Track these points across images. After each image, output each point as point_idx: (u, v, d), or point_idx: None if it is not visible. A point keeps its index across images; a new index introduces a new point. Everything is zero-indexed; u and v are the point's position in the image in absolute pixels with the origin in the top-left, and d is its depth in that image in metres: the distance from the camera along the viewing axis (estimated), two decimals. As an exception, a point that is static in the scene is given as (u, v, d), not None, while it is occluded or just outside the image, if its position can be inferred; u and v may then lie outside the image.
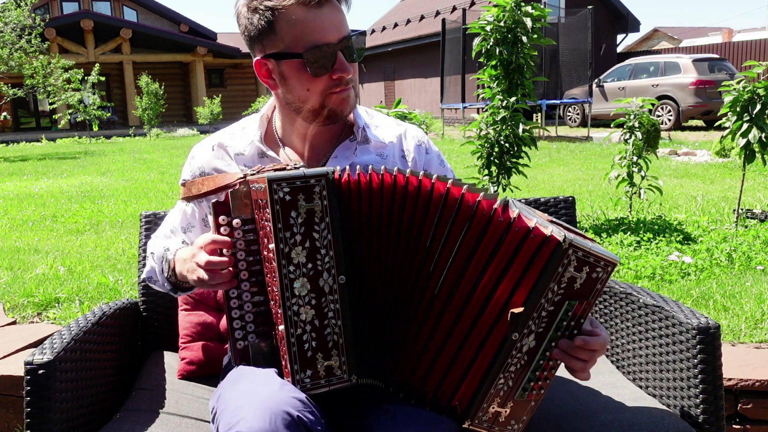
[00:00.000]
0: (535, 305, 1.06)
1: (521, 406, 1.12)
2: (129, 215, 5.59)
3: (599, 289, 1.08)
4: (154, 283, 1.44)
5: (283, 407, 1.04)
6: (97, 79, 17.67)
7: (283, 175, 1.07)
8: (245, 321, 1.18)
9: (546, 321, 1.08)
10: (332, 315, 1.10)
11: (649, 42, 31.98)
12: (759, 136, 3.81)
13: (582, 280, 1.07)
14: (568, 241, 1.04)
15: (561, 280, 1.06)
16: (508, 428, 1.13)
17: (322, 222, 1.08)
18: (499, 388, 1.10)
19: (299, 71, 1.23)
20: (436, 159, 1.44)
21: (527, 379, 1.11)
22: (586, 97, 14.43)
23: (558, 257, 1.04)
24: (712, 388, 1.32)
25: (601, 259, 1.06)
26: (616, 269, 1.08)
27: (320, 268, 1.09)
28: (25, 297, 3.02)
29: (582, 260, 1.06)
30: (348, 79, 1.25)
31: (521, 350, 1.08)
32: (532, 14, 3.96)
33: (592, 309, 1.11)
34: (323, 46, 1.20)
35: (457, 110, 16.65)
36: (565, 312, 1.08)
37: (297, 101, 1.28)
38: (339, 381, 1.11)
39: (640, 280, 3.16)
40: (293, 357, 1.09)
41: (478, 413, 1.11)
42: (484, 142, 4.18)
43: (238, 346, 1.19)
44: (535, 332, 1.08)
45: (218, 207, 1.16)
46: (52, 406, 1.22)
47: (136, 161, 11.27)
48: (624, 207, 4.74)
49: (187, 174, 1.41)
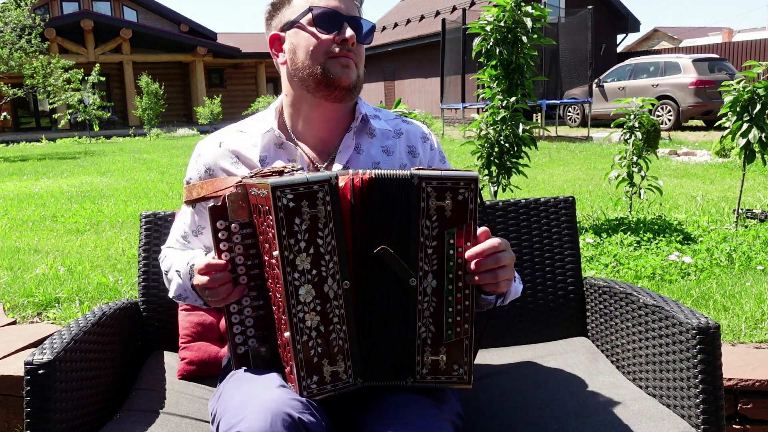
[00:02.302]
0: (417, 246, 1.10)
1: (455, 348, 1.13)
2: (129, 215, 5.59)
3: (473, 208, 1.10)
4: (185, 300, 1.38)
5: (283, 408, 1.04)
6: (97, 79, 17.67)
7: (287, 181, 1.06)
8: (245, 326, 1.18)
9: (436, 257, 1.11)
10: (337, 320, 1.10)
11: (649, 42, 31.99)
12: (759, 136, 3.81)
13: (451, 206, 1.09)
14: (417, 176, 1.08)
15: (430, 214, 1.10)
16: (455, 375, 1.14)
17: (326, 228, 1.08)
18: (423, 336, 1.12)
19: (307, 29, 1.30)
20: (438, 156, 1.46)
21: (446, 317, 1.12)
22: (586, 97, 14.43)
23: (415, 193, 1.09)
24: (711, 388, 1.32)
25: (459, 179, 1.09)
26: (479, 186, 1.10)
27: (325, 274, 1.09)
28: (25, 297, 3.02)
29: (439, 188, 1.09)
30: (350, 47, 1.30)
31: (426, 293, 1.11)
32: (532, 14, 3.95)
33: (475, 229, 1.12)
34: (332, 10, 1.29)
35: (457, 110, 16.64)
36: (448, 243, 1.10)
37: (301, 68, 1.31)
38: (345, 385, 1.11)
39: (640, 280, 3.16)
40: (299, 363, 1.08)
41: (416, 368, 1.13)
42: (484, 142, 4.18)
43: (239, 351, 1.19)
44: (431, 271, 1.11)
45: (215, 211, 1.15)
46: (52, 406, 1.22)
47: (136, 161, 11.27)
48: (624, 207, 4.74)
49: (192, 172, 1.40)
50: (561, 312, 1.80)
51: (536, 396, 1.46)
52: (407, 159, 1.41)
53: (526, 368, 1.64)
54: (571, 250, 1.82)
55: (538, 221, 1.84)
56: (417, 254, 1.10)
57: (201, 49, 24.97)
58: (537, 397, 1.45)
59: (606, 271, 3.30)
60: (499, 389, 1.50)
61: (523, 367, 1.64)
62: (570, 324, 1.80)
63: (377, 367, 1.14)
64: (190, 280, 1.30)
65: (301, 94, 1.35)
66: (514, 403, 1.43)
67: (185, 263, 1.32)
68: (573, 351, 1.71)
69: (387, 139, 1.41)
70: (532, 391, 1.49)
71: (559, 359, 1.66)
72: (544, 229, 1.83)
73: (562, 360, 1.66)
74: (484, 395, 1.46)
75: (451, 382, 1.14)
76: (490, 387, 1.52)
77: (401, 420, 1.09)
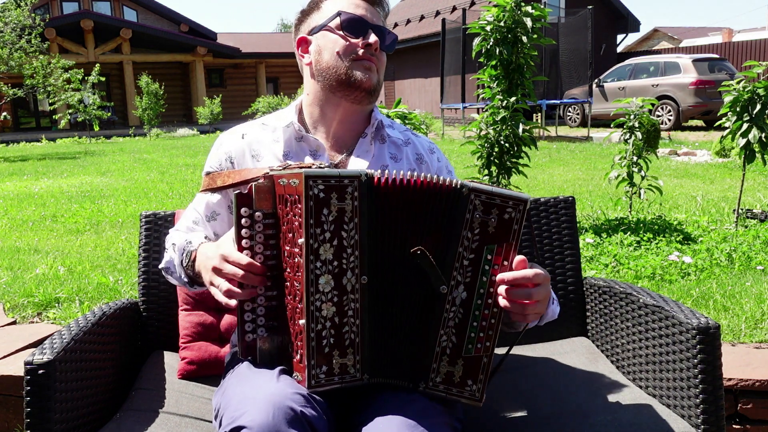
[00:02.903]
0: (454, 255, 1.10)
1: (473, 363, 1.14)
2: (129, 215, 5.59)
3: (516, 230, 1.10)
4: (171, 274, 1.43)
5: (285, 402, 1.05)
6: (97, 79, 17.65)
7: (319, 172, 1.09)
8: (256, 314, 1.19)
9: (471, 270, 1.11)
10: (352, 314, 1.11)
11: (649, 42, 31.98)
12: (759, 136, 3.81)
13: (495, 223, 1.10)
14: (467, 187, 1.08)
15: (473, 227, 1.10)
16: (467, 389, 1.14)
17: (351, 222, 1.10)
18: (443, 345, 1.13)
19: (334, 32, 1.36)
20: (445, 168, 1.51)
21: (470, 331, 1.12)
22: (586, 97, 14.43)
23: (462, 204, 1.09)
24: (712, 388, 1.33)
25: (509, 198, 1.09)
26: (527, 208, 1.10)
27: (345, 266, 1.11)
28: (25, 297, 3.02)
29: (487, 203, 1.09)
30: (374, 51, 1.36)
31: (455, 303, 1.12)
32: (532, 14, 3.95)
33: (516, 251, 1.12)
34: (359, 17, 1.36)
35: (457, 110, 16.64)
36: (485, 258, 1.10)
37: (326, 70, 1.37)
38: (352, 379, 1.12)
39: (640, 280, 3.16)
40: (311, 351, 1.10)
41: (430, 374, 1.13)
42: (484, 142, 4.18)
43: (247, 338, 1.20)
44: (464, 283, 1.11)
45: (241, 199, 1.17)
46: (52, 406, 1.22)
47: (136, 161, 11.27)
48: (624, 207, 4.74)
49: (213, 161, 1.44)
50: (561, 312, 1.79)
51: (536, 396, 1.46)
52: (415, 165, 1.46)
53: (527, 368, 1.64)
54: (571, 250, 1.82)
55: (538, 221, 1.84)
56: (453, 263, 1.11)
57: (201, 49, 24.97)
58: (537, 397, 1.45)
59: (606, 271, 3.30)
60: (499, 389, 1.50)
61: (523, 367, 1.64)
62: (570, 324, 1.80)
63: (386, 366, 1.15)
64: (182, 255, 1.35)
65: (322, 94, 1.40)
66: (514, 403, 1.43)
67: (183, 240, 1.37)
68: (573, 351, 1.71)
69: (395, 147, 1.46)
70: (532, 390, 1.49)
71: (559, 359, 1.66)
72: (544, 229, 1.83)
73: (562, 360, 1.66)
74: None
75: (462, 396, 1.15)
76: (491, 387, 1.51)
77: (401, 420, 1.09)
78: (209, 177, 1.41)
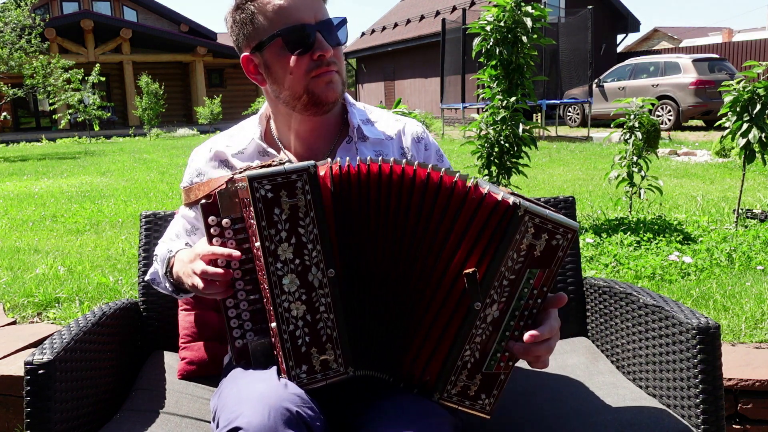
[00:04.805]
0: (495, 274, 1.08)
1: (490, 379, 1.13)
2: (129, 215, 5.59)
3: (561, 256, 1.08)
4: (157, 285, 1.45)
5: (282, 403, 1.04)
6: (97, 79, 17.66)
7: (264, 172, 1.06)
8: (242, 320, 1.18)
9: (508, 290, 1.09)
10: (324, 309, 1.10)
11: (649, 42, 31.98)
12: (759, 136, 3.81)
13: (542, 247, 1.08)
14: (524, 207, 1.06)
15: (520, 248, 1.07)
16: (479, 403, 1.13)
17: (307, 217, 1.07)
18: (466, 360, 1.11)
19: (280, 55, 1.25)
20: (435, 154, 1.45)
21: (494, 350, 1.11)
22: (586, 97, 14.43)
23: (514, 224, 1.06)
24: (711, 388, 1.32)
25: (560, 225, 1.07)
26: (579, 236, 1.08)
27: (308, 263, 1.08)
28: (25, 297, 3.02)
29: (539, 227, 1.07)
30: (329, 60, 1.25)
31: (485, 320, 1.10)
32: (532, 14, 3.95)
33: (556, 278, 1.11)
34: (300, 26, 1.23)
35: (457, 110, 16.64)
36: (526, 281, 1.09)
37: (282, 89, 1.29)
38: (336, 374, 1.11)
39: (640, 280, 3.16)
40: (287, 353, 1.09)
41: (447, 386, 1.12)
42: (484, 142, 4.18)
43: (237, 345, 1.19)
44: (498, 302, 1.09)
45: (207, 208, 1.16)
46: (52, 406, 1.22)
47: (136, 161, 11.27)
48: (624, 207, 4.74)
49: (186, 177, 1.45)
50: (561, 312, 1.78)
51: (536, 396, 1.46)
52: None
53: (526, 368, 1.63)
54: (571, 250, 1.82)
55: (538, 221, 1.83)
56: (492, 282, 1.08)
57: (201, 49, 24.97)
58: (537, 397, 1.45)
59: (606, 271, 3.30)
60: (499, 389, 1.50)
61: (523, 367, 1.64)
62: (570, 324, 1.80)
63: (372, 356, 1.14)
64: (167, 267, 1.34)
65: (285, 110, 1.34)
66: (514, 403, 1.43)
67: (165, 250, 1.37)
68: (573, 351, 1.71)
69: (380, 144, 1.40)
70: (532, 390, 1.49)
71: (559, 359, 1.66)
72: (544, 229, 1.83)
73: (562, 360, 1.66)
74: (484, 395, 1.46)
75: (474, 408, 1.14)
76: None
77: (401, 420, 1.09)
78: (185, 191, 1.41)
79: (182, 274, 1.24)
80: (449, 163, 1.48)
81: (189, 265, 1.20)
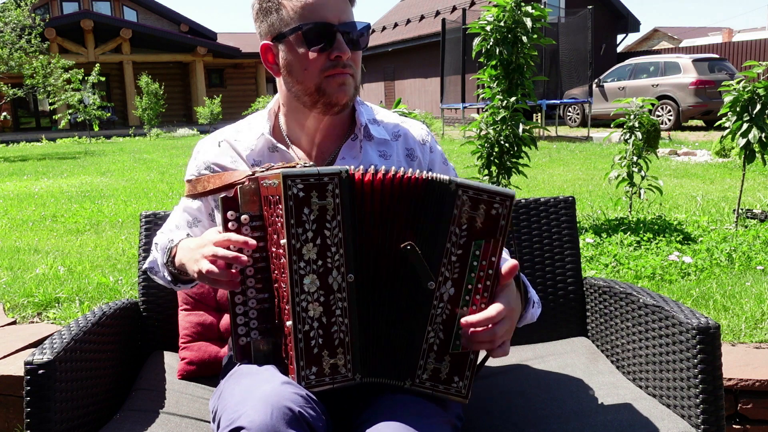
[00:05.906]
0: (442, 251, 1.10)
1: (459, 360, 1.13)
2: (129, 215, 5.59)
3: (503, 225, 1.10)
4: (155, 274, 1.43)
5: (284, 402, 1.04)
6: (97, 79, 17.66)
7: (298, 171, 1.08)
8: (249, 318, 1.18)
9: (459, 266, 1.10)
10: (340, 313, 1.10)
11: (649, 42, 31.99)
12: (759, 136, 3.81)
13: (482, 218, 1.09)
14: (455, 182, 1.08)
15: (461, 222, 1.09)
16: (453, 386, 1.14)
17: (334, 220, 1.09)
18: (431, 342, 1.12)
19: (298, 48, 1.26)
20: (440, 158, 1.45)
21: (457, 328, 1.12)
22: (586, 97, 14.43)
23: (450, 200, 1.09)
24: (711, 388, 1.32)
25: (495, 194, 1.09)
26: (514, 203, 1.10)
27: (330, 265, 1.09)
28: (25, 297, 3.02)
29: (475, 198, 1.09)
30: (346, 62, 1.26)
31: (443, 299, 1.11)
32: (532, 14, 3.95)
33: (503, 247, 1.12)
34: (322, 24, 1.24)
35: (457, 110, 16.65)
36: (473, 254, 1.10)
37: (295, 83, 1.30)
38: (344, 379, 1.11)
39: (640, 280, 3.16)
40: (299, 353, 1.09)
41: (416, 371, 1.13)
42: (484, 142, 4.18)
43: (240, 342, 1.19)
44: (451, 278, 1.11)
45: (227, 202, 1.16)
46: (52, 406, 1.22)
47: (136, 161, 11.27)
48: (624, 207, 4.74)
49: (192, 169, 1.41)
50: (561, 312, 1.80)
51: (536, 396, 1.46)
52: (405, 162, 1.40)
53: (526, 368, 1.64)
54: (571, 250, 1.82)
55: (538, 221, 1.84)
56: (441, 259, 1.10)
57: (201, 49, 24.96)
58: (537, 397, 1.45)
59: (606, 271, 3.30)
60: (499, 389, 1.50)
61: (523, 367, 1.64)
62: (570, 324, 1.80)
63: (378, 364, 1.14)
64: (164, 254, 1.33)
65: (296, 105, 1.34)
66: (514, 403, 1.43)
67: (166, 239, 1.36)
68: (573, 351, 1.71)
69: (384, 144, 1.40)
70: (532, 391, 1.49)
71: (559, 359, 1.66)
72: (544, 229, 1.83)
73: (562, 360, 1.66)
74: (483, 395, 1.46)
75: (449, 393, 1.14)
76: (490, 387, 1.52)
77: (401, 420, 1.08)
78: (191, 183, 1.37)
79: (187, 261, 1.22)
80: (453, 167, 1.48)
81: (198, 250, 1.17)
